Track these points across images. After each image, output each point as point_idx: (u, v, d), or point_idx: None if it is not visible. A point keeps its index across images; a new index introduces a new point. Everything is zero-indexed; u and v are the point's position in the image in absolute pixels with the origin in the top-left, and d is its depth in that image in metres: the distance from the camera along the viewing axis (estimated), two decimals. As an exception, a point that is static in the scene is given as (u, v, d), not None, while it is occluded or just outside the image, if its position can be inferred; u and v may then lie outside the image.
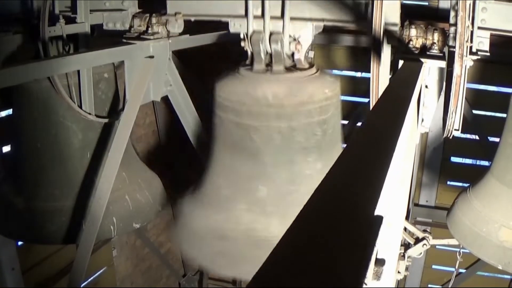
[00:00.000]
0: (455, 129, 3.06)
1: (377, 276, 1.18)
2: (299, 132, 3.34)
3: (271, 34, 3.42)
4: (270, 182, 3.37)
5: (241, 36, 3.48)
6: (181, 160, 8.04)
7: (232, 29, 3.53)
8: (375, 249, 0.98)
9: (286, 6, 3.34)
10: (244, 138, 3.38)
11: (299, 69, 3.49)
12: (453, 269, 4.72)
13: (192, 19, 3.81)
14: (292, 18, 3.39)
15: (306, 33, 3.45)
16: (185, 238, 3.64)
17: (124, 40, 3.75)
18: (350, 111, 6.34)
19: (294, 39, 3.45)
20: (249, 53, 3.53)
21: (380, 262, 1.21)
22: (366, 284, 0.89)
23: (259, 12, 3.41)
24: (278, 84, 3.36)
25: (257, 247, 3.11)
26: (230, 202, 3.41)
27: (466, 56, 2.83)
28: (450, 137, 3.14)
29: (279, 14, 3.39)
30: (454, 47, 2.80)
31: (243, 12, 3.48)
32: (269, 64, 3.47)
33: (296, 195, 3.29)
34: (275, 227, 3.19)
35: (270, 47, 3.43)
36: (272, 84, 3.36)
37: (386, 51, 3.26)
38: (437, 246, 6.54)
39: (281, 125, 3.31)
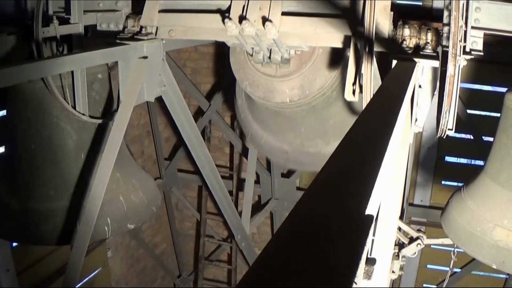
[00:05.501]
0: (449, 129, 3.06)
1: (368, 275, 1.18)
2: (319, 104, 4.11)
3: (270, 50, 3.72)
4: (306, 125, 4.45)
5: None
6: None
7: (230, 44, 3.69)
8: (366, 248, 0.98)
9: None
10: (277, 112, 4.33)
11: (303, 55, 3.82)
12: (448, 269, 4.72)
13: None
14: (282, 32, 3.51)
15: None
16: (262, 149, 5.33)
17: (118, 41, 3.74)
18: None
19: None
20: None
21: (371, 261, 1.21)
22: (356, 284, 0.89)
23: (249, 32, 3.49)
24: (291, 88, 3.93)
25: (307, 156, 4.59)
26: (283, 133, 4.67)
27: (460, 55, 2.83)
28: (444, 137, 3.14)
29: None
30: (448, 46, 2.80)
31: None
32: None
33: (327, 127, 4.39)
34: (316, 145, 4.52)
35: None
36: (286, 88, 3.95)
37: (379, 51, 3.27)
38: (431, 246, 6.55)
39: (303, 108, 4.12)
